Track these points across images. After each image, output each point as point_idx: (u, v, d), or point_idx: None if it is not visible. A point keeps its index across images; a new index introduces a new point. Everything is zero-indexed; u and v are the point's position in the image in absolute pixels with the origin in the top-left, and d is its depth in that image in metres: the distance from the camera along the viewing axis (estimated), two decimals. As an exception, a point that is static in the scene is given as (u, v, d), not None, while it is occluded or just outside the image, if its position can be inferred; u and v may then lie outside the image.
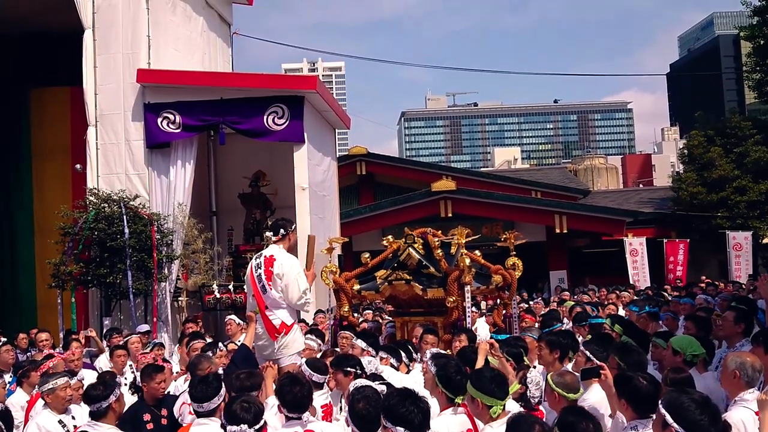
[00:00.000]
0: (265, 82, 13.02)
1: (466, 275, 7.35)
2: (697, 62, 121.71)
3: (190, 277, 12.45)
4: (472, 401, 4.06)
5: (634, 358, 4.69)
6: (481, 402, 3.99)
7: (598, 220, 21.89)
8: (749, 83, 26.32)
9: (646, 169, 59.77)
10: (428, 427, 3.50)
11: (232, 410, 3.86)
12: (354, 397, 3.85)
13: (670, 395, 3.27)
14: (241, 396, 4.05)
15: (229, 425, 3.81)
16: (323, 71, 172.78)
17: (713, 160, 23.66)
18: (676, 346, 5.39)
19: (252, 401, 3.94)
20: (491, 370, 4.57)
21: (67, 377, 5.60)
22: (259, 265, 6.59)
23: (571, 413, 3.59)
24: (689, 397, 3.17)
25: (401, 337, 7.67)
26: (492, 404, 3.96)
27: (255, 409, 3.86)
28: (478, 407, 4.03)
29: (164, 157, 12.63)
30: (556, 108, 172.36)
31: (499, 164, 73.23)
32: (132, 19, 12.63)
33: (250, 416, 3.81)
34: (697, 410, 3.09)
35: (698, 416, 3.07)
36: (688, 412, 3.09)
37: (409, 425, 3.39)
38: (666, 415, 3.14)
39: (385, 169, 27.44)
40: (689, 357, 5.29)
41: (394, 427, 3.39)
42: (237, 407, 3.85)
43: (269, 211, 13.46)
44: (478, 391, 4.02)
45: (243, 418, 3.79)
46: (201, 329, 9.95)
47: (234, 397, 4.10)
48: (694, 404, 3.11)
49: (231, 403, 3.97)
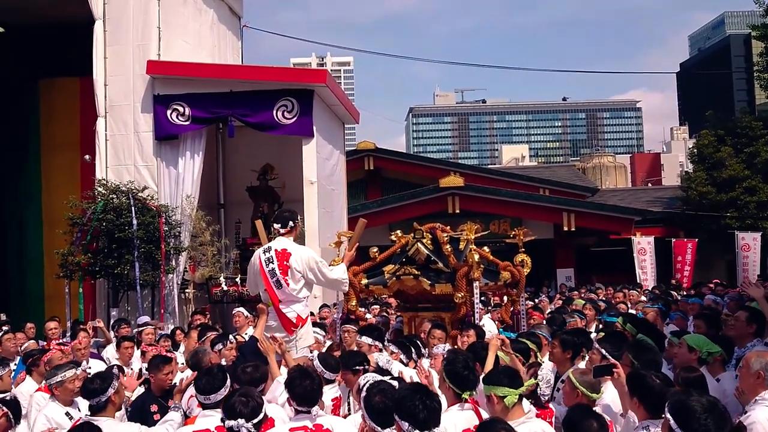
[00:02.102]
0: (275, 75, 13.01)
1: (474, 271, 7.32)
2: (708, 62, 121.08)
3: (197, 269, 12.47)
4: (489, 400, 4.02)
5: (648, 356, 4.60)
6: (495, 396, 3.95)
7: (607, 218, 21.78)
8: (760, 83, 26.13)
9: (654, 168, 59.56)
10: (436, 424, 3.41)
11: (230, 404, 3.84)
12: (370, 392, 3.81)
13: (675, 398, 3.17)
14: (239, 390, 4.02)
15: (227, 419, 3.80)
16: (332, 66, 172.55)
17: (723, 159, 23.51)
18: (691, 343, 5.31)
19: (251, 395, 3.91)
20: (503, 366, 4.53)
21: (74, 369, 5.59)
22: (270, 259, 6.39)
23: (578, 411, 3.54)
24: (695, 399, 3.06)
25: (408, 333, 7.64)
26: (505, 394, 3.91)
27: (253, 403, 3.84)
28: (494, 404, 3.97)
29: (173, 149, 12.64)
30: (564, 106, 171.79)
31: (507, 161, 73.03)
32: (143, 11, 12.64)
33: (248, 410, 3.79)
34: (703, 414, 2.98)
35: (703, 421, 2.96)
36: (692, 416, 2.99)
37: (414, 420, 3.33)
38: (670, 419, 3.05)
39: (392, 165, 27.39)
40: (704, 355, 5.22)
41: (401, 421, 3.35)
42: (235, 401, 3.83)
43: (277, 204, 13.45)
44: (489, 386, 3.99)
45: (240, 412, 3.77)
46: (209, 321, 9.95)
47: (233, 392, 4.09)
48: (700, 408, 3.00)
49: (230, 397, 3.95)
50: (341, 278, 6.80)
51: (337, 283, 6.85)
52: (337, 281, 6.79)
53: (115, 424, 4.69)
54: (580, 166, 39.58)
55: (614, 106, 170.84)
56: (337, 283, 6.88)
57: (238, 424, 3.75)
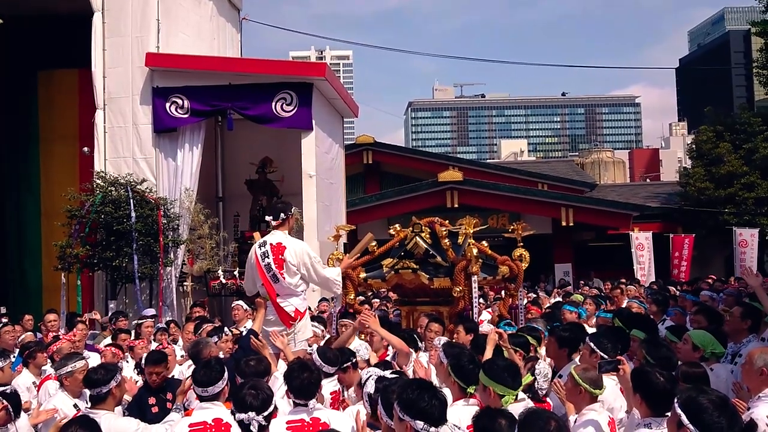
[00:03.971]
0: (274, 68, 12.98)
1: (473, 265, 7.32)
2: (707, 57, 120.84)
3: (195, 262, 12.47)
4: (484, 390, 4.03)
5: (662, 353, 4.57)
6: (493, 391, 3.96)
7: (605, 213, 21.80)
8: (759, 79, 26.11)
9: (653, 164, 59.49)
10: (446, 419, 3.37)
11: (240, 397, 3.82)
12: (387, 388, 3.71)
13: (686, 394, 3.12)
14: (249, 382, 4.01)
15: (237, 413, 3.78)
16: (331, 59, 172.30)
17: (722, 155, 23.53)
18: (697, 341, 5.27)
19: (261, 387, 3.90)
20: (504, 359, 4.52)
21: (84, 360, 5.60)
22: (265, 253, 6.38)
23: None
24: (707, 397, 3.03)
25: (407, 326, 7.66)
26: (504, 393, 3.92)
27: (263, 395, 3.83)
28: (489, 396, 3.99)
29: (172, 142, 12.62)
30: (563, 101, 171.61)
31: (506, 156, 73.03)
32: (142, 3, 12.61)
33: (258, 402, 3.78)
34: (715, 411, 2.95)
35: (716, 418, 2.93)
36: (705, 413, 2.95)
37: (428, 418, 3.25)
38: (682, 415, 3.01)
39: (391, 159, 27.37)
40: (708, 354, 5.21)
41: (413, 420, 3.25)
42: (245, 393, 3.82)
43: (276, 197, 13.45)
44: (490, 380, 3.99)
45: (251, 405, 3.76)
46: (207, 314, 9.96)
47: (242, 384, 4.06)
48: (712, 405, 2.97)
49: (239, 389, 3.93)
50: (334, 279, 6.76)
51: (329, 282, 6.79)
52: (329, 280, 6.74)
53: (114, 419, 4.69)
54: (579, 162, 39.54)
55: (613, 102, 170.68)
56: (329, 283, 6.81)
57: (249, 417, 3.73)
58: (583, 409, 4.22)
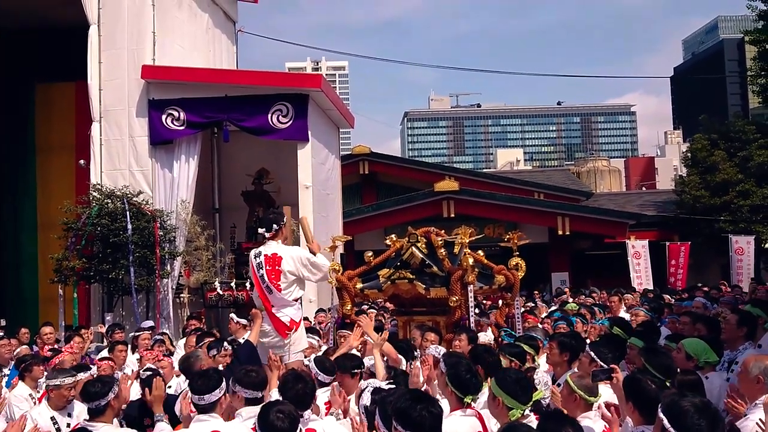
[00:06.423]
0: (269, 80, 13.02)
1: (469, 275, 7.33)
2: (702, 66, 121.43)
3: (192, 273, 12.46)
4: (494, 399, 3.96)
5: (662, 361, 4.57)
6: (502, 402, 3.89)
7: (601, 222, 21.84)
8: (753, 87, 26.28)
9: (648, 172, 59.68)
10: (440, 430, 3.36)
11: (269, 421, 3.62)
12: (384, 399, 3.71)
13: (669, 399, 3.18)
14: (275, 404, 3.80)
15: None
16: (327, 70, 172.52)
17: (717, 163, 23.61)
18: (690, 351, 5.27)
19: (287, 410, 3.69)
20: (517, 371, 4.48)
21: (73, 378, 5.58)
22: (260, 264, 6.43)
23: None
24: (688, 400, 3.08)
25: (403, 337, 7.65)
26: (513, 406, 3.85)
27: (292, 417, 3.66)
28: (497, 406, 3.92)
29: (168, 154, 12.64)
30: (559, 110, 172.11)
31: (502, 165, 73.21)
32: (137, 15, 12.65)
33: (287, 425, 3.61)
34: (696, 414, 2.99)
35: (696, 420, 2.97)
36: (686, 416, 3.00)
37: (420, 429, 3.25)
38: (663, 419, 3.06)
39: (387, 169, 27.38)
40: (702, 363, 5.21)
41: (405, 431, 3.26)
42: (273, 417, 3.62)
43: (272, 209, 13.45)
44: (501, 391, 3.90)
45: (280, 428, 3.58)
46: (203, 326, 9.94)
47: (268, 405, 3.84)
48: (693, 408, 3.01)
49: (266, 411, 3.69)
50: (324, 264, 6.69)
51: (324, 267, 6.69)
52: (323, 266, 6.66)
53: (113, 431, 4.69)
54: (575, 170, 39.65)
55: (609, 110, 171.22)
56: (324, 268, 6.72)
57: None
58: (578, 416, 4.21)
